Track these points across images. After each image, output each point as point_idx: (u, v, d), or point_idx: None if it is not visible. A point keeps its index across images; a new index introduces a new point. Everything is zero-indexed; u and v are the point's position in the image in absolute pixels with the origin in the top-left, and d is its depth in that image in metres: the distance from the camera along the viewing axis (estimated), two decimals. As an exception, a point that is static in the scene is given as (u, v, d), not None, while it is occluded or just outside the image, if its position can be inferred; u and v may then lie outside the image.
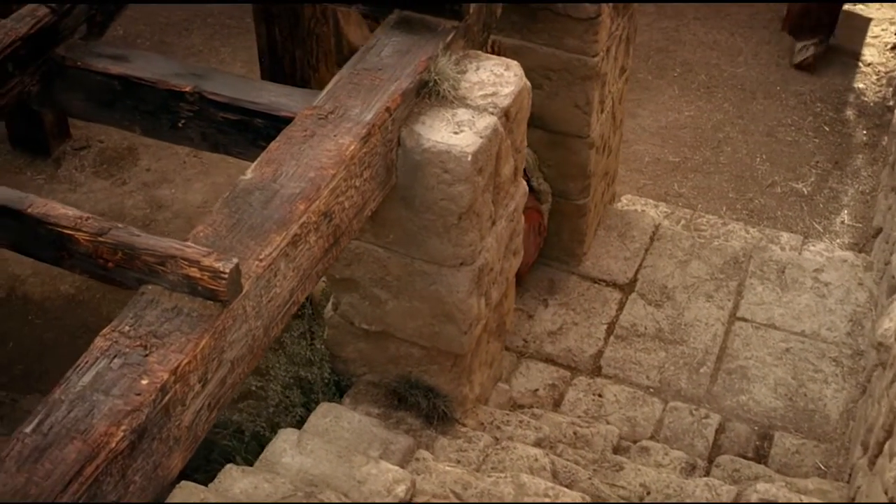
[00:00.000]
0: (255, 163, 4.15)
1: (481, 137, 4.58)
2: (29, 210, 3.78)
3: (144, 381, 3.33)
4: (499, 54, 5.51)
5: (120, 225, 3.69)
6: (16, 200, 3.82)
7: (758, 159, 9.07)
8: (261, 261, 3.74)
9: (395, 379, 5.46)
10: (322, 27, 7.28)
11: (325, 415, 5.14)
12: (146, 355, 3.42)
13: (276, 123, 4.76)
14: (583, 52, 6.16)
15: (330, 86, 4.56)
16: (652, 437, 6.23)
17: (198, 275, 3.53)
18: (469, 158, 4.50)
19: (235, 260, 3.53)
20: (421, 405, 5.41)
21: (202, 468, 5.48)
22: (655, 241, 7.38)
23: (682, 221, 7.93)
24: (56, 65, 5.12)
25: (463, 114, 4.67)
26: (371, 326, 5.30)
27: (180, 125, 5.03)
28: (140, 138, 7.14)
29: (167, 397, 3.37)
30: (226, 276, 3.49)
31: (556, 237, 6.99)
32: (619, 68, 6.79)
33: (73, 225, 3.70)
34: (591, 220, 7.09)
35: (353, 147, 4.20)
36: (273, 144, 4.25)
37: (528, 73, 5.13)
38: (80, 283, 7.72)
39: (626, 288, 7.10)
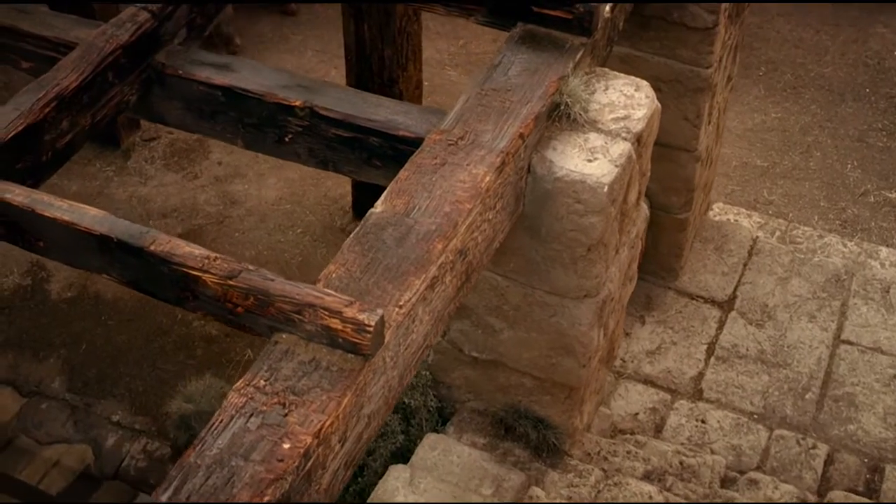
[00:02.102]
0: (385, 194, 3.88)
1: (616, 166, 4.29)
2: (151, 248, 3.52)
3: (286, 446, 3.08)
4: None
5: (251, 267, 3.42)
6: (136, 236, 3.56)
7: (849, 166, 8.73)
8: (400, 307, 3.47)
9: (502, 408, 5.21)
10: (413, 25, 6.98)
11: (434, 447, 4.89)
12: (285, 415, 3.16)
13: (392, 143, 4.51)
14: (696, 63, 5.85)
15: (457, 107, 4.28)
16: (758, 468, 5.96)
17: (339, 327, 3.26)
18: (605, 189, 4.22)
19: (380, 312, 3.26)
20: (530, 436, 5.15)
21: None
22: (754, 256, 7.08)
23: (777, 233, 7.62)
24: (155, 72, 4.86)
25: (595, 139, 4.38)
26: (482, 354, 5.03)
27: (287, 140, 4.76)
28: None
29: (310, 462, 3.12)
30: (371, 329, 3.22)
31: (654, 251, 6.69)
32: (726, 77, 6.48)
33: (200, 266, 3.44)
34: (689, 234, 6.79)
35: (487, 178, 3.92)
36: (402, 173, 3.97)
37: None
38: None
39: (725, 305, 6.81)
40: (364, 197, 7.81)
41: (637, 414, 6.15)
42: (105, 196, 8.31)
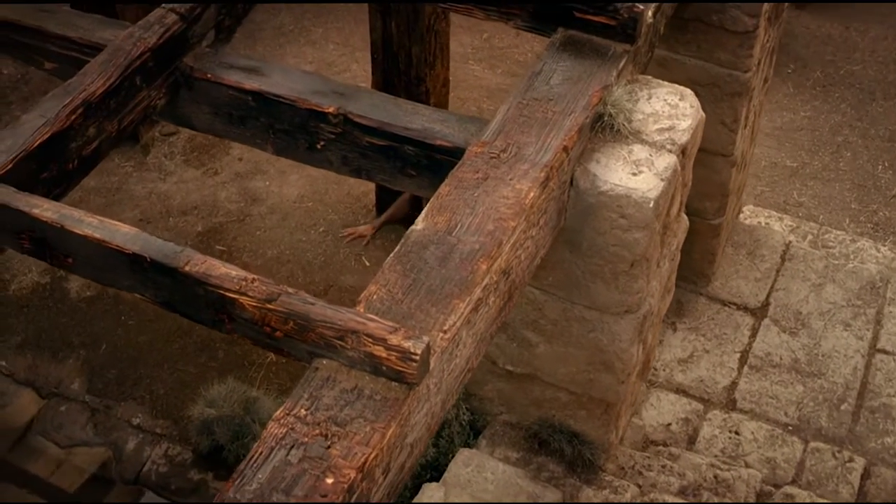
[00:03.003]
0: (426, 210, 3.74)
1: (662, 180, 4.15)
2: (186, 268, 3.39)
3: (329, 481, 2.95)
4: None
5: (290, 290, 3.29)
6: (170, 255, 3.42)
7: (880, 167, 8.57)
8: (445, 332, 3.34)
9: (536, 421, 5.08)
10: (441, 23, 6.83)
11: (467, 464, 4.76)
12: (328, 447, 3.03)
13: (428, 152, 4.37)
14: (735, 66, 5.70)
15: (498, 117, 4.13)
16: (793, 482, 5.82)
17: (384, 354, 3.13)
18: (651, 205, 4.08)
19: (426, 340, 3.13)
20: (564, 451, 5.03)
21: None
22: (787, 262, 6.93)
23: (809, 237, 7.47)
24: (183, 76, 4.73)
25: (639, 151, 4.24)
26: (516, 368, 4.90)
27: (319, 147, 4.63)
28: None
29: (353, 497, 2.99)
30: (417, 358, 3.10)
31: (686, 256, 6.49)
32: (763, 80, 6.32)
33: (237, 288, 3.31)
34: (722, 239, 6.65)
35: (532, 194, 3.78)
36: (443, 188, 3.83)
37: None
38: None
39: (758, 312, 6.66)
40: (387, 196, 7.68)
41: (669, 424, 6.02)
42: (124, 192, 8.19)
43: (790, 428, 6.10)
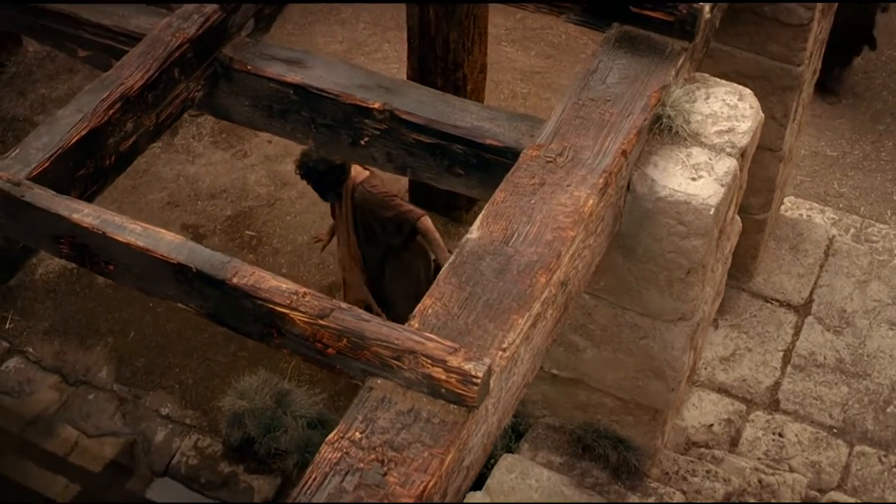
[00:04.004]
0: (481, 217, 3.58)
1: (722, 186, 3.99)
2: (234, 280, 3.24)
3: (387, 510, 2.81)
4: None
5: (343, 305, 3.14)
6: (217, 267, 3.28)
7: (922, 156, 8.38)
8: (504, 350, 3.19)
9: (580, 426, 4.94)
10: (480, 7, 6.66)
11: (511, 470, 4.64)
12: (384, 473, 2.90)
13: (477, 151, 4.22)
14: (787, 60, 5.51)
15: (554, 118, 3.97)
16: (839, 487, 5.68)
17: (443, 377, 2.99)
18: (712, 212, 3.92)
19: (488, 362, 2.98)
20: (609, 457, 4.90)
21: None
22: (830, 257, 6.76)
23: (852, 230, 7.30)
24: (222, 67, 4.57)
25: (698, 154, 4.08)
26: (562, 372, 4.76)
27: (363, 143, 4.47)
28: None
29: (411, 528, 2.85)
30: (478, 381, 2.95)
31: (729, 251, 6.37)
32: (812, 72, 6.13)
33: (287, 302, 3.17)
34: (766, 233, 6.48)
35: (591, 202, 3.63)
36: (498, 194, 3.67)
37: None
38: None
39: (802, 310, 6.51)
40: (420, 182, 7.51)
41: (712, 425, 5.88)
42: (151, 174, 8.05)
43: (835, 431, 5.96)
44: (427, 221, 6.24)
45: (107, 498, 6.48)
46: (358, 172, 6.24)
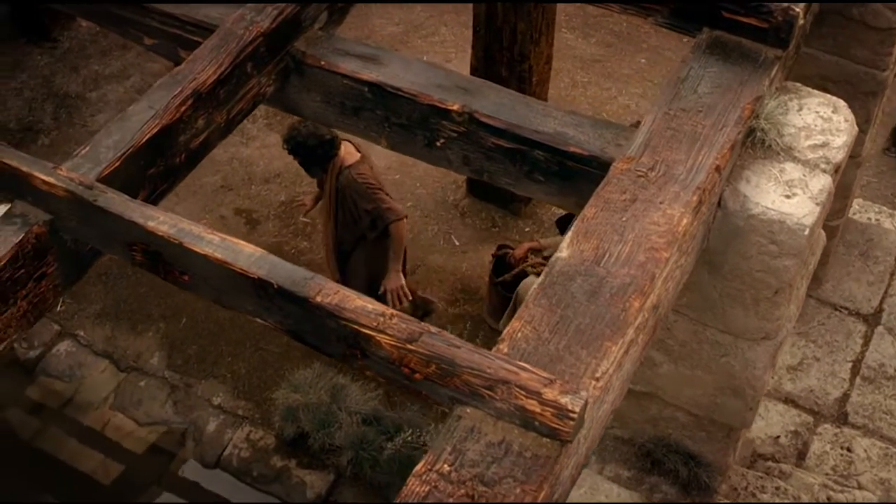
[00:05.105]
0: (571, 235, 3.44)
1: (817, 204, 3.82)
2: (317, 298, 3.11)
3: (479, 551, 2.68)
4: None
5: (433, 329, 3.01)
6: (299, 283, 3.15)
7: None
8: (597, 380, 3.05)
9: (650, 440, 4.80)
10: (549, -2, 6.48)
11: (580, 485, 4.53)
12: (475, 511, 2.76)
13: (559, 158, 4.07)
14: (872, 64, 5.31)
15: (644, 129, 3.81)
16: (909, 505, 5.52)
17: (537, 409, 2.86)
18: (807, 232, 3.75)
19: (584, 396, 2.85)
20: (679, 472, 4.76)
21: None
22: (902, 264, 6.57)
23: (923, 235, 7.09)
24: (294, 61, 4.44)
25: (792, 170, 3.91)
26: (636, 386, 4.62)
27: (439, 144, 4.33)
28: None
29: (502, 569, 2.72)
30: (575, 415, 2.81)
31: (799, 257, 6.20)
32: (893, 75, 5.93)
33: (374, 325, 3.04)
34: (836, 239, 6.30)
35: (685, 221, 3.47)
36: (588, 210, 3.52)
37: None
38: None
39: (871, 319, 6.33)
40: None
41: (778, 437, 5.73)
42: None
43: (906, 447, 5.79)
44: (400, 227, 6.13)
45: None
46: (348, 153, 6.09)
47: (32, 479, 6.39)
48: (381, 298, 6.37)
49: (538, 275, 6.33)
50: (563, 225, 6.61)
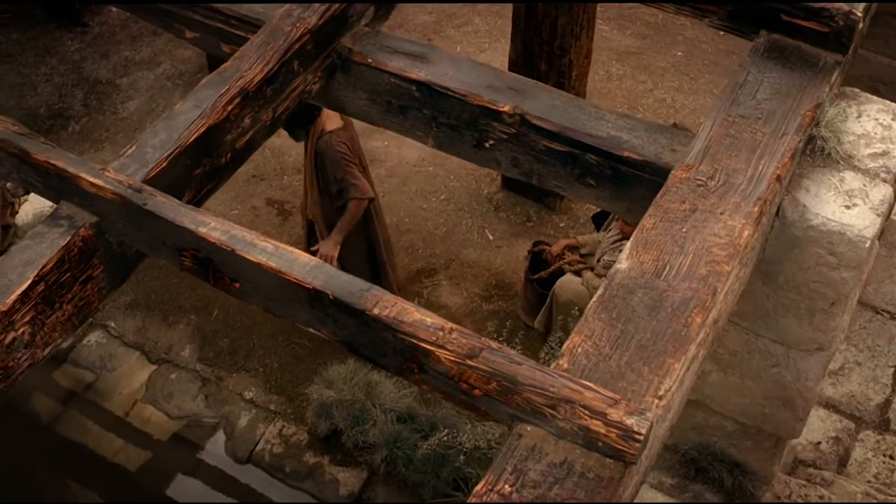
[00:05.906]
0: (630, 246, 3.36)
1: (878, 215, 3.73)
2: (374, 311, 3.04)
3: (542, 578, 2.62)
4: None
5: (493, 345, 2.93)
6: (356, 294, 3.08)
7: None
8: (660, 399, 2.98)
9: (694, 447, 4.72)
10: (591, -8, 6.39)
11: (623, 495, 4.41)
12: (537, 534, 2.69)
13: (613, 162, 3.98)
14: (924, 64, 5.22)
15: (702, 136, 3.72)
16: (952, 515, 5.43)
17: (602, 430, 2.78)
18: (867, 244, 3.66)
19: (650, 417, 2.77)
20: (724, 481, 4.68)
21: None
22: (945, 266, 6.47)
23: (964, 236, 6.98)
24: (340, 58, 4.36)
25: (851, 179, 3.82)
26: (682, 394, 4.53)
27: (487, 146, 4.25)
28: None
29: None
30: (641, 437, 2.74)
31: (841, 258, 6.11)
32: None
33: (434, 339, 2.96)
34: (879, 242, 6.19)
35: (746, 233, 3.39)
36: (647, 220, 3.44)
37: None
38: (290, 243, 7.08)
39: (914, 323, 6.24)
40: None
41: (819, 443, 5.65)
42: (236, 145, 7.85)
43: (948, 454, 5.71)
44: (357, 206, 6.10)
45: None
46: (329, 118, 6.00)
47: (63, 475, 6.36)
48: (376, 268, 6.38)
49: (575, 272, 6.28)
50: (598, 221, 6.54)
